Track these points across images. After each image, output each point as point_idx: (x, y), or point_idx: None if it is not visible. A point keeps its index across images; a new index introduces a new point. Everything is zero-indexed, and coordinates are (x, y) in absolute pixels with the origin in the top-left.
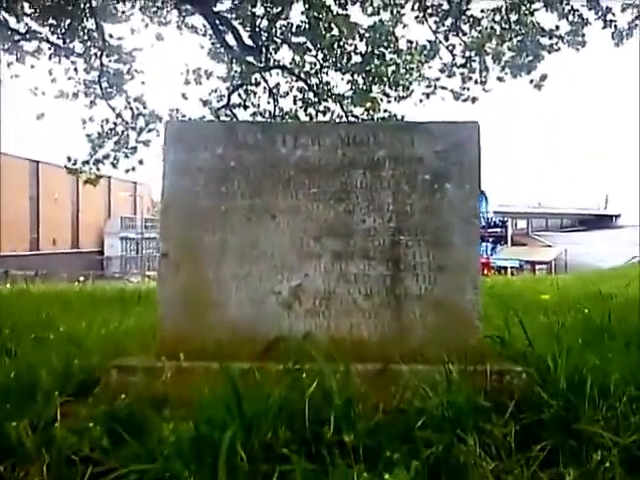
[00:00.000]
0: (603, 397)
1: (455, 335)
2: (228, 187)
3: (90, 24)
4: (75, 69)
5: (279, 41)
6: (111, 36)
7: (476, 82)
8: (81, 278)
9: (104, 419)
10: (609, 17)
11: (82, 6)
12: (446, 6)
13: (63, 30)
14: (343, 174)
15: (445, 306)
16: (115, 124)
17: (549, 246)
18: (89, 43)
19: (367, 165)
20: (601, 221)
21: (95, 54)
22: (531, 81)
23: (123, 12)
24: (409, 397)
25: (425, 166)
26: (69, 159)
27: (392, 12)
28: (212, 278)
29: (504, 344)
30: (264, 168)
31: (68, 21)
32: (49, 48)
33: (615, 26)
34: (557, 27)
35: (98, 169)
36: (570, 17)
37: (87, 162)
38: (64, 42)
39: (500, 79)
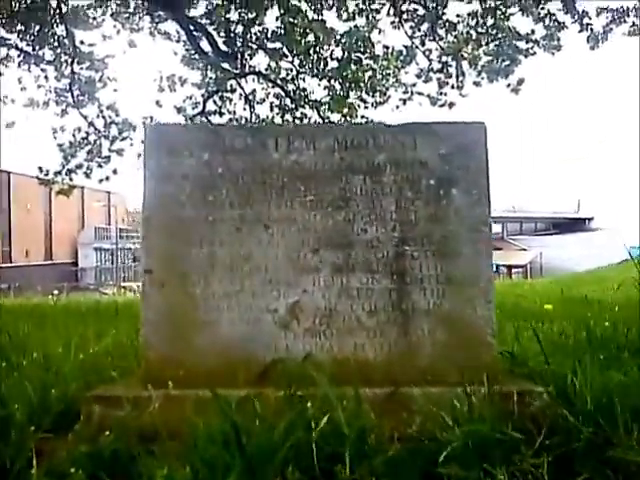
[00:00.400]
0: (636, 419)
1: (467, 353)
2: (216, 196)
3: (60, 30)
4: (45, 77)
5: (254, 47)
6: (82, 42)
7: (453, 87)
8: (55, 291)
9: (86, 462)
10: (585, 21)
11: (52, 12)
12: (422, 11)
13: (32, 37)
14: (341, 180)
15: (455, 322)
16: (87, 133)
17: (524, 250)
18: (59, 50)
19: (367, 170)
20: (574, 224)
21: (66, 61)
22: (508, 85)
23: (94, 18)
24: (424, 424)
25: (429, 170)
26: (40, 169)
27: (367, 17)
28: (200, 296)
29: (515, 360)
30: (255, 174)
31: (37, 27)
32: (18, 55)
33: (591, 29)
34: (532, 31)
35: (71, 179)
36: (546, 21)
37: (59, 172)
38: (33, 49)
39: (477, 84)
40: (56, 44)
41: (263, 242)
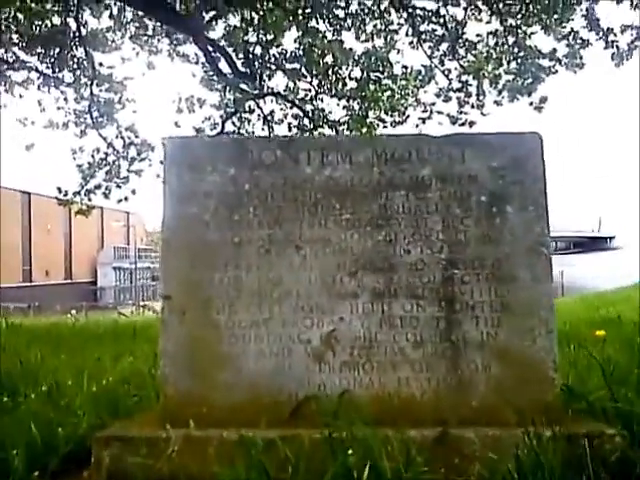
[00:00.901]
0: None
1: (526, 390)
2: (242, 215)
3: (79, 53)
4: (65, 99)
5: (273, 68)
6: (101, 65)
7: (473, 106)
8: (73, 311)
9: None
10: (610, 38)
11: (71, 35)
12: (440, 31)
13: (52, 59)
14: (381, 196)
15: (512, 355)
16: (106, 154)
17: None
18: (79, 72)
19: (409, 185)
20: (596, 243)
21: (85, 83)
22: (531, 103)
23: (113, 41)
24: (481, 472)
25: (480, 186)
26: (59, 190)
27: (386, 38)
28: (225, 325)
29: (573, 395)
30: (285, 191)
31: (57, 50)
32: (38, 77)
33: (617, 46)
34: (555, 50)
35: (90, 199)
36: (569, 39)
37: (78, 193)
38: (53, 71)
39: (497, 103)
40: (75, 66)
41: (294, 265)
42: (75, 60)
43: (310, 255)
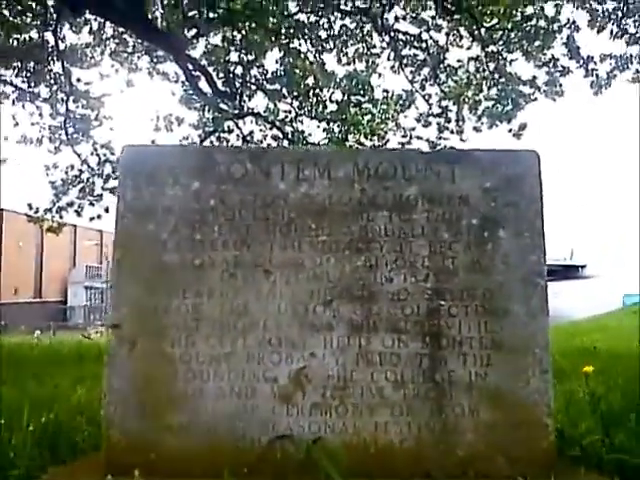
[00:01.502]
0: None
1: (518, 438)
2: (206, 234)
3: (57, 68)
4: (40, 114)
5: (253, 88)
6: (79, 80)
7: (452, 132)
8: (37, 332)
9: None
10: (590, 66)
11: (49, 49)
12: (422, 56)
13: (28, 73)
14: (362, 217)
15: (504, 398)
16: (80, 171)
17: None
18: (55, 87)
19: (394, 205)
20: (568, 271)
21: (62, 99)
22: (510, 130)
23: (92, 57)
24: None
25: (471, 208)
26: (30, 207)
27: (367, 62)
28: (181, 359)
29: (564, 439)
30: (255, 209)
31: (34, 64)
32: (13, 91)
33: (597, 75)
34: (534, 77)
35: (61, 217)
36: (550, 66)
37: (50, 210)
38: (29, 86)
39: (476, 129)
40: (52, 81)
41: (262, 292)
42: (52, 75)
43: (280, 281)
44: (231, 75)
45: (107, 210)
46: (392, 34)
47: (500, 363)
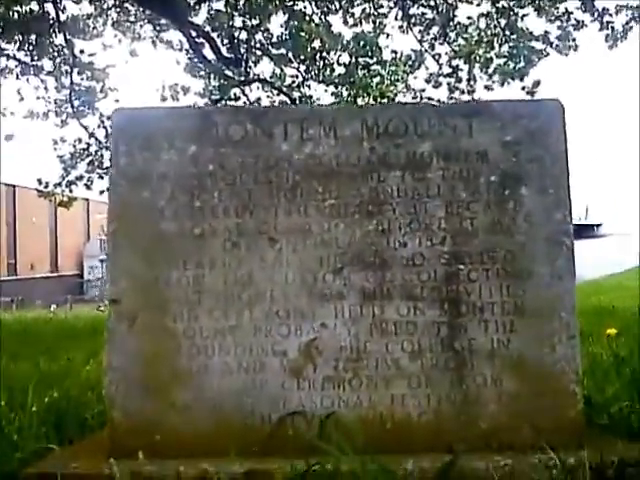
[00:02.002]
0: None
1: (545, 407)
2: (205, 201)
3: (59, 40)
4: (45, 87)
5: (259, 53)
6: (82, 52)
7: (463, 92)
8: (53, 307)
9: None
10: (606, 19)
11: (50, 21)
12: (430, 15)
13: (31, 47)
14: (372, 178)
15: (528, 366)
16: (88, 144)
17: None
18: (59, 60)
19: (406, 164)
20: (583, 231)
21: (65, 71)
22: (523, 88)
23: (94, 27)
24: None
25: (490, 164)
26: (40, 181)
27: (374, 22)
28: (184, 334)
29: (590, 406)
30: (257, 172)
31: (36, 37)
32: (16, 66)
33: (612, 27)
34: (546, 32)
35: (71, 191)
36: (563, 21)
37: (59, 184)
38: (32, 59)
39: (488, 87)
40: (55, 54)
41: (268, 261)
42: (55, 47)
43: (287, 249)
44: (235, 41)
45: None
46: None
47: (524, 329)
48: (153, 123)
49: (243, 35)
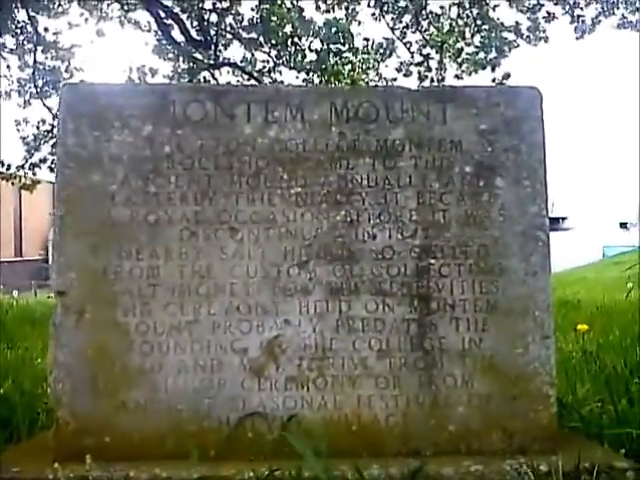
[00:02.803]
0: None
1: (517, 410)
2: (160, 186)
3: (22, 16)
4: (8, 66)
5: (229, 36)
6: (46, 30)
7: (432, 80)
8: (14, 292)
9: None
10: (577, 12)
11: None
12: (403, 3)
13: None
14: (340, 165)
15: (500, 366)
16: (52, 125)
17: None
18: (22, 37)
19: (377, 151)
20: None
21: (29, 50)
22: (493, 80)
23: (59, 4)
24: None
25: (464, 153)
26: (2, 164)
27: (347, 9)
28: (136, 330)
29: (562, 406)
30: (217, 156)
31: None
32: None
33: (583, 21)
34: (517, 23)
35: (34, 174)
36: (535, 12)
37: (22, 167)
38: None
39: (458, 77)
40: (18, 31)
41: (228, 252)
42: (17, 24)
43: (248, 240)
44: (205, 23)
45: None
46: None
47: (496, 328)
48: (105, 100)
49: (213, 17)
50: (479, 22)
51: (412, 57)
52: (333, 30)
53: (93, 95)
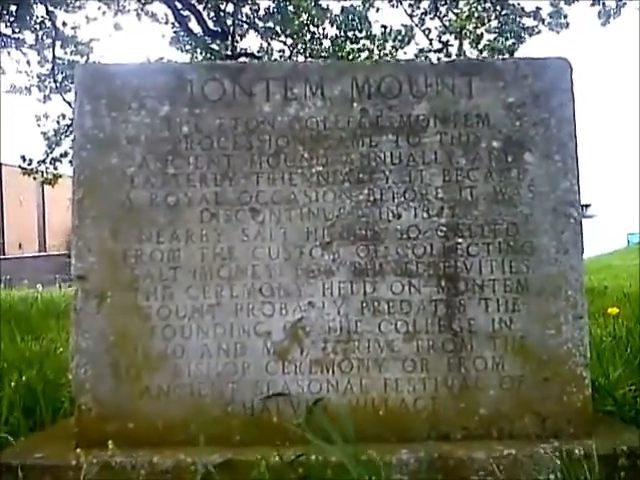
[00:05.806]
0: None
1: (549, 393)
2: (179, 167)
3: (41, 11)
4: (27, 61)
5: (246, 26)
6: (65, 24)
7: None
8: (38, 286)
9: None
10: None
11: None
12: None
13: (11, 18)
14: (363, 143)
15: (532, 348)
16: (72, 120)
17: None
18: (41, 33)
19: (400, 127)
20: None
21: (48, 45)
22: None
23: None
24: None
25: (492, 128)
26: (24, 159)
27: None
28: (158, 314)
29: (595, 390)
30: (236, 136)
31: (16, 8)
32: None
33: (603, 3)
34: (538, 8)
35: (55, 168)
36: None
37: (43, 161)
38: (13, 32)
39: None
40: (37, 27)
41: (249, 234)
42: (36, 20)
43: (270, 220)
44: (222, 14)
45: None
46: None
47: (527, 308)
48: (121, 80)
49: (230, 8)
50: (498, 8)
51: (431, 44)
52: (350, 17)
53: (109, 75)
